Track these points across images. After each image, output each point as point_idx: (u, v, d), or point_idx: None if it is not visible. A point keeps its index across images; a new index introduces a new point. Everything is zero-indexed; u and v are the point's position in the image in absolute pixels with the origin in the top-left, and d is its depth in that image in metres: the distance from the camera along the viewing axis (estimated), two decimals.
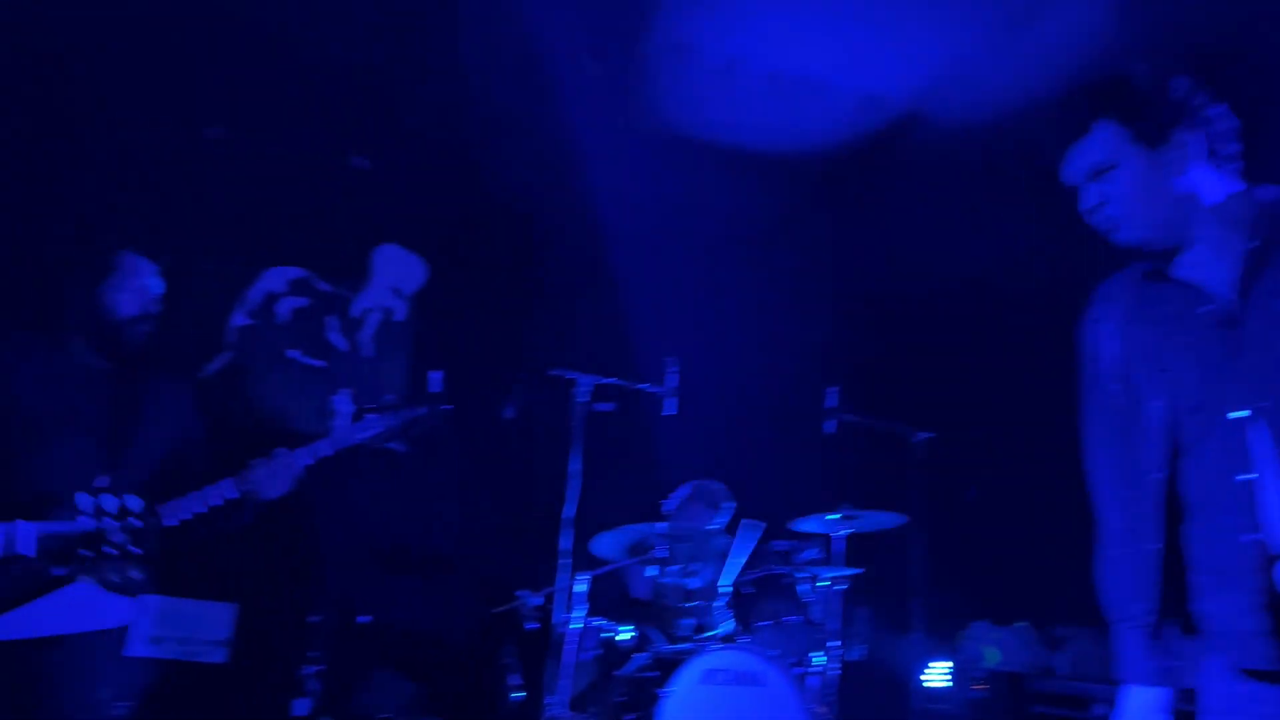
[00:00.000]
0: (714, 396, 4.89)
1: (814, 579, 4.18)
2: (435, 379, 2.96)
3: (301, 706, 4.50)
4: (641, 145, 4.31)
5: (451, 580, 4.83)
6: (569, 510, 3.86)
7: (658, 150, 4.34)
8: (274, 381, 4.94)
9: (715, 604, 4.51)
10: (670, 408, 4.09)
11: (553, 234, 5.07)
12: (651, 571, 4.58)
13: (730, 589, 4.32)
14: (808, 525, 4.26)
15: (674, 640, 4.29)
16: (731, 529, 4.48)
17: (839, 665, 4.08)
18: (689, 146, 4.30)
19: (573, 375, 3.98)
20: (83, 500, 2.08)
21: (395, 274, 5.26)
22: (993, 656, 4.76)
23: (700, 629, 4.53)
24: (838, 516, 4.19)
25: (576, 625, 3.95)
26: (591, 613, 4.04)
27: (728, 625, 4.49)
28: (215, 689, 4.42)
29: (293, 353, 5.03)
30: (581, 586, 3.97)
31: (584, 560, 4.04)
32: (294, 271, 5.11)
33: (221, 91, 4.44)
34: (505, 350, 5.15)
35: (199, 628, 4.43)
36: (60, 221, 3.76)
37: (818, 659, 4.06)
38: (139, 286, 2.73)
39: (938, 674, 4.91)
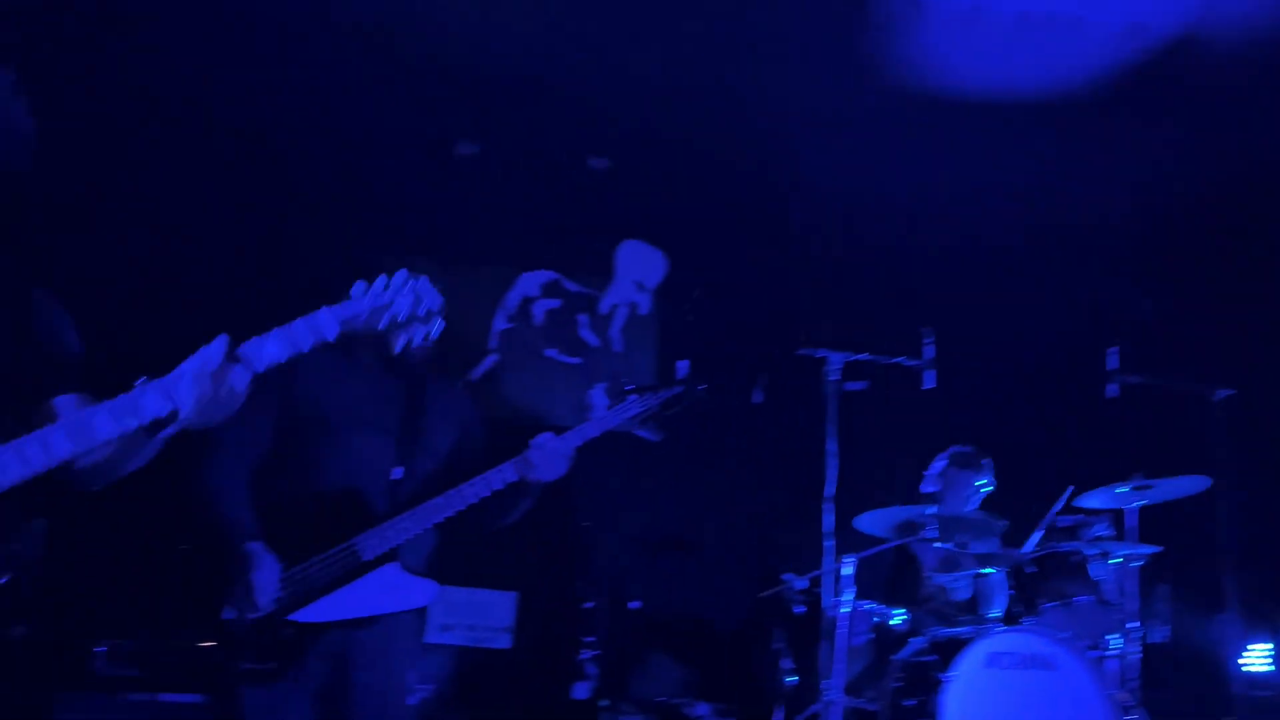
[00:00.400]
0: (980, 366, 4.63)
1: (1105, 555, 3.86)
2: (682, 367, 2.97)
3: (581, 690, 4.70)
4: (881, 107, 4.14)
5: (718, 566, 4.87)
6: (829, 491, 3.77)
7: (899, 110, 4.14)
8: (535, 380, 5.19)
9: (992, 584, 4.29)
10: (929, 381, 3.90)
11: (792, 210, 4.98)
12: (922, 553, 4.43)
13: (1008, 568, 4.09)
14: (1096, 499, 3.94)
15: (949, 623, 4.11)
16: (989, 503, 4.24)
17: (1139, 648, 3.76)
18: (932, 102, 4.08)
19: (822, 353, 3.88)
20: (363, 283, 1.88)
21: (638, 268, 5.38)
22: None
23: (977, 611, 4.33)
24: (1128, 488, 3.85)
25: (846, 608, 3.86)
26: (859, 595, 3.95)
27: (1007, 607, 4.25)
28: (501, 673, 4.69)
29: (550, 351, 5.26)
30: (848, 569, 3.89)
31: (849, 542, 3.94)
32: (545, 275, 5.34)
33: (469, 110, 4.70)
34: (751, 334, 5.13)
35: (485, 615, 4.72)
36: (346, 244, 4.11)
37: (1114, 641, 3.76)
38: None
39: (1258, 657, 4.42)
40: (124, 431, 1.59)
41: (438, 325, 1.84)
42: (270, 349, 1.65)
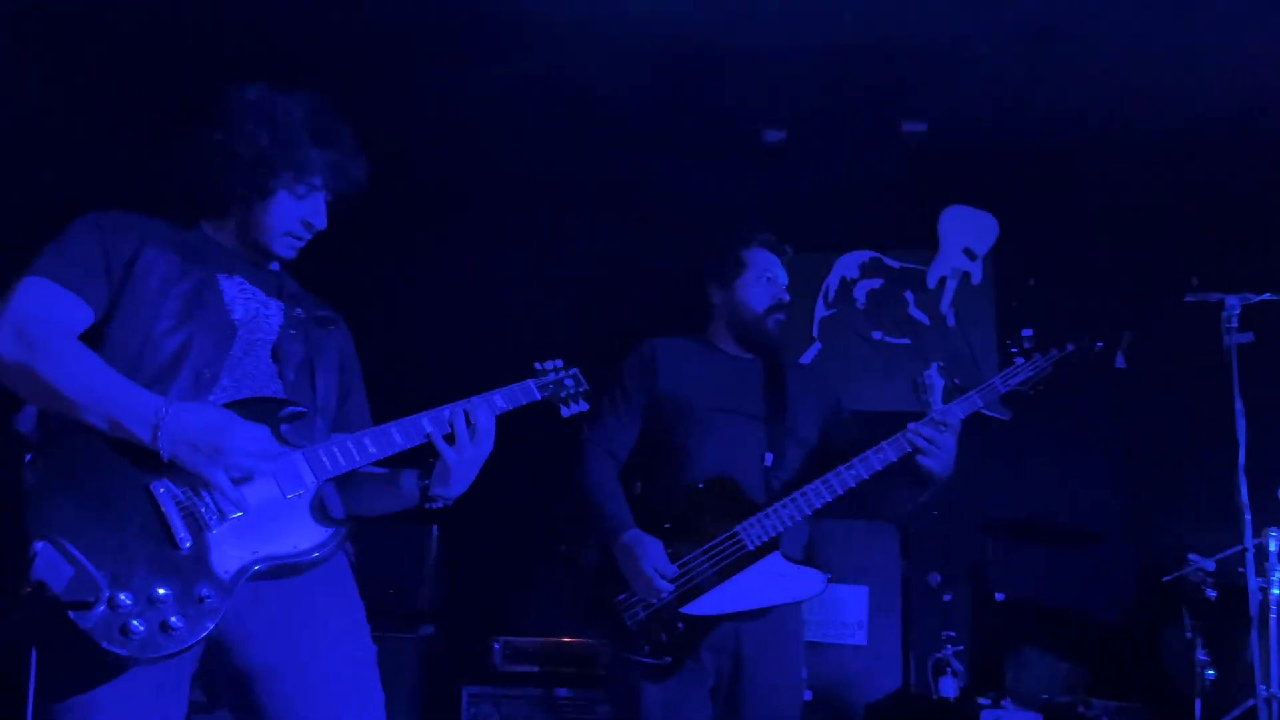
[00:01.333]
0: None
1: None
2: (1026, 337, 2.67)
3: (948, 687, 4.42)
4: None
5: (1095, 550, 4.39)
6: (1241, 457, 3.25)
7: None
8: (864, 366, 4.97)
9: None
10: None
11: (1137, 139, 4.40)
12: None
13: None
14: None
15: None
16: None
17: None
18: None
19: (1217, 297, 3.36)
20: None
21: (965, 235, 5.00)
22: None
23: None
24: None
25: (1276, 590, 3.33)
26: None
27: None
28: (856, 668, 4.51)
29: (877, 334, 5.02)
30: (1275, 545, 3.36)
31: (1269, 514, 3.40)
32: (863, 255, 5.11)
33: (775, 94, 4.58)
34: (1104, 291, 4.60)
35: (837, 610, 4.56)
36: (689, 231, 4.11)
37: None
38: (769, 279, 2.84)
39: None
40: (411, 444, 1.99)
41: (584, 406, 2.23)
42: (498, 400, 2.08)
